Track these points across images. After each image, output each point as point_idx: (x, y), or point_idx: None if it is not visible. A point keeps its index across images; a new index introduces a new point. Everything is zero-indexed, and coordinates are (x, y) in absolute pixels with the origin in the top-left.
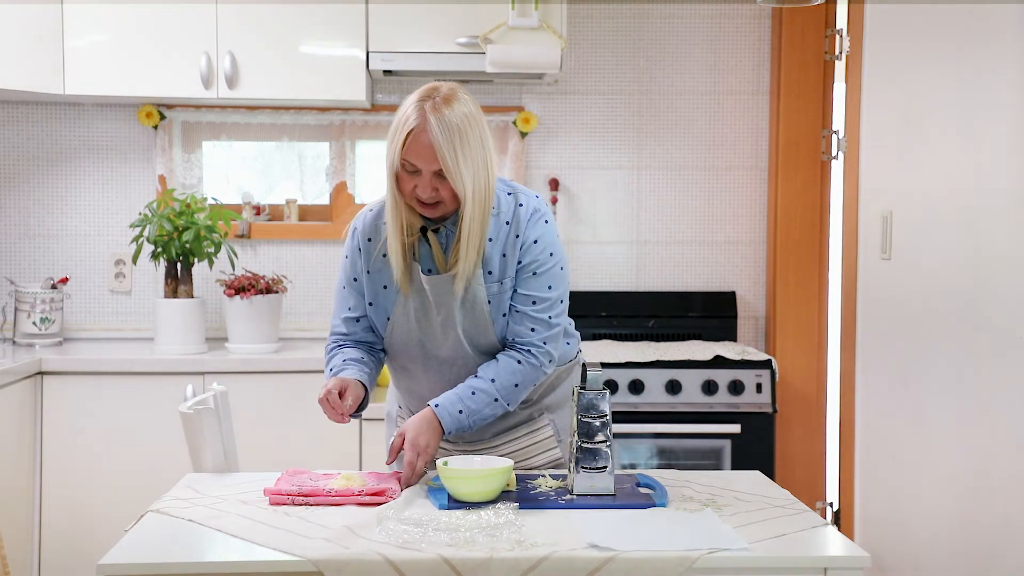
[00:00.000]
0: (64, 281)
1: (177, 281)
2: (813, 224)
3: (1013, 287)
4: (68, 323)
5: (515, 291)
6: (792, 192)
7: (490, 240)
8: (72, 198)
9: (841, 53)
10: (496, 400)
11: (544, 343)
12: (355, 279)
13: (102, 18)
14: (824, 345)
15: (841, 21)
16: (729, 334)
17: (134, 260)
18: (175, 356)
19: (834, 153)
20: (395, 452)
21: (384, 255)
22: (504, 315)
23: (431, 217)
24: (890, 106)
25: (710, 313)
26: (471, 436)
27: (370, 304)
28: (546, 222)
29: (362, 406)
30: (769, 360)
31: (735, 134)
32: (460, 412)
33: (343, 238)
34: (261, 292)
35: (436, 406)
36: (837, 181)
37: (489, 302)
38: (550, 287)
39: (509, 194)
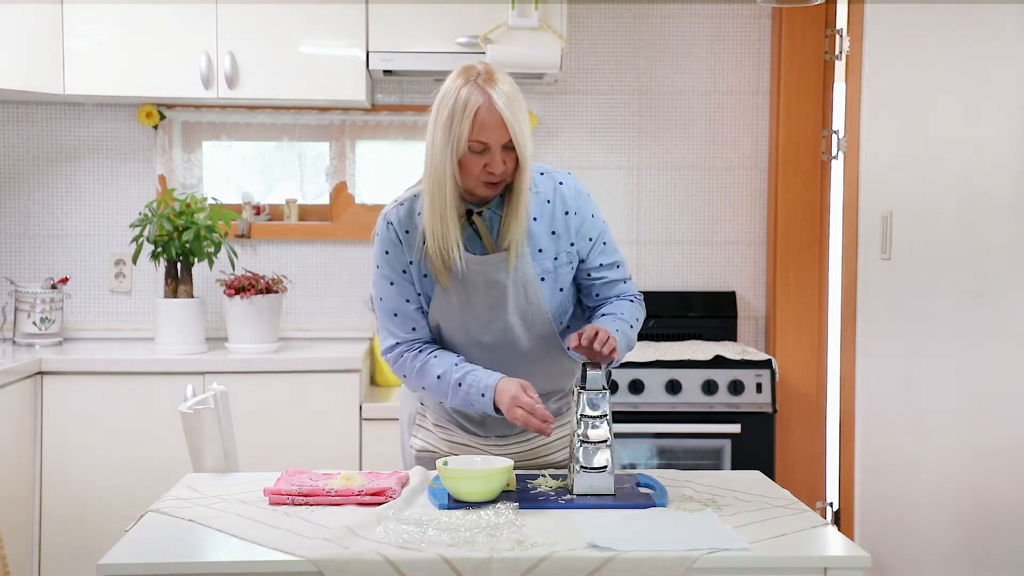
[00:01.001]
0: (64, 281)
1: (177, 281)
2: (813, 224)
3: (1013, 287)
4: (68, 323)
5: (600, 265)
6: (792, 192)
7: (535, 219)
8: (72, 198)
9: (841, 53)
10: (632, 327)
11: (636, 289)
12: (404, 271)
13: (102, 18)
14: (824, 345)
15: (841, 21)
16: (729, 334)
17: (134, 260)
18: (175, 356)
19: (834, 153)
20: (582, 336)
21: (423, 243)
22: (561, 289)
23: (492, 196)
24: (890, 106)
25: (710, 313)
26: (502, 430)
27: (418, 294)
28: (588, 194)
29: None
30: (769, 360)
31: (735, 134)
32: (616, 331)
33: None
34: (261, 292)
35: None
36: (837, 181)
37: (543, 279)
38: (615, 249)
39: (541, 173)
